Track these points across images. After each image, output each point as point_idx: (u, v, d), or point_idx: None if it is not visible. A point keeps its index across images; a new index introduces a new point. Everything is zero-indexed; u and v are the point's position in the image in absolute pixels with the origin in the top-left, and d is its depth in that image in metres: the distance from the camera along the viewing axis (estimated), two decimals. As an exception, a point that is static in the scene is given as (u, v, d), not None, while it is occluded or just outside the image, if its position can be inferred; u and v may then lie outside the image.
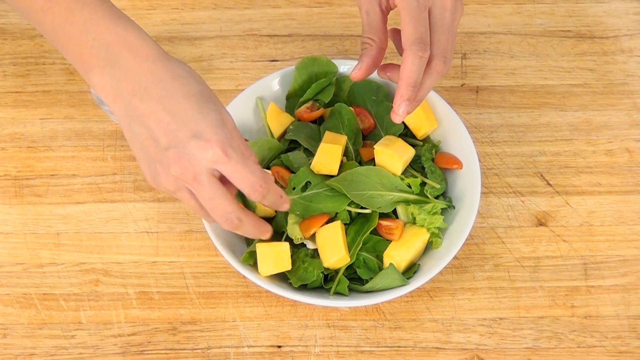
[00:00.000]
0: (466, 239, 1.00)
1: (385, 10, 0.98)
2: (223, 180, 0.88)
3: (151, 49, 0.88)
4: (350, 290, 1.01)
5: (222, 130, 0.87)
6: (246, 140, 1.06)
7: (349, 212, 1.03)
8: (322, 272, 1.01)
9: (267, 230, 0.95)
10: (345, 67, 1.10)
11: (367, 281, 1.01)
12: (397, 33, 0.97)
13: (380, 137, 1.06)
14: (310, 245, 1.03)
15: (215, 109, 0.88)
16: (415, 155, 1.05)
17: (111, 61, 0.87)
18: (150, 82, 0.87)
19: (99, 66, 0.88)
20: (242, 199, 1.05)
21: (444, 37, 0.95)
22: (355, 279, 1.02)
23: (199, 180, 0.87)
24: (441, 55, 0.95)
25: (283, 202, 0.93)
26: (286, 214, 1.03)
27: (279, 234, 1.03)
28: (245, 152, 0.88)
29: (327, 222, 1.01)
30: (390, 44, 1.01)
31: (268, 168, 1.06)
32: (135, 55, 0.87)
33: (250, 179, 0.88)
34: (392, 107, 1.07)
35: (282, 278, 1.01)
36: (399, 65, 0.95)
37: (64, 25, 0.89)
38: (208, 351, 1.01)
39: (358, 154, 1.06)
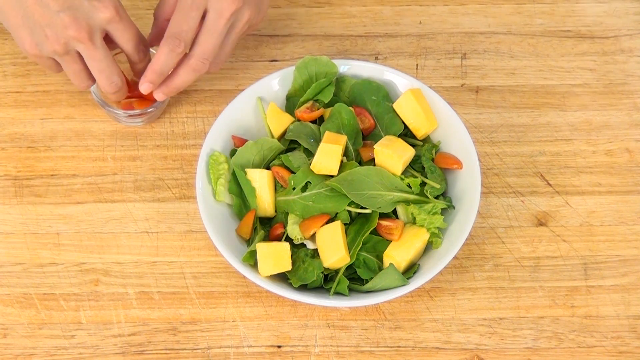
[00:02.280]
0: (466, 239, 1.00)
1: None
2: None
3: None
4: (350, 290, 1.01)
5: None
6: (246, 140, 1.06)
7: (349, 212, 1.03)
8: (322, 272, 1.01)
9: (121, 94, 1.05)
10: (346, 67, 1.11)
11: (367, 281, 1.01)
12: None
13: (380, 137, 1.06)
14: (310, 245, 1.03)
15: None
16: (415, 155, 1.05)
17: None
18: None
19: None
20: (242, 200, 1.05)
21: (210, 41, 1.02)
22: (355, 279, 1.02)
23: (93, 40, 0.95)
24: (200, 57, 1.02)
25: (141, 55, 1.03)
26: (286, 213, 1.04)
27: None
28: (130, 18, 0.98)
29: (327, 222, 1.01)
30: None
31: (268, 168, 1.06)
32: None
33: (134, 39, 1.00)
34: (392, 106, 1.08)
35: (282, 278, 1.01)
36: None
37: None
38: (208, 351, 1.01)
39: (358, 154, 1.06)
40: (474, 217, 1.01)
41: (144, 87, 1.04)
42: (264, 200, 1.04)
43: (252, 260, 1.01)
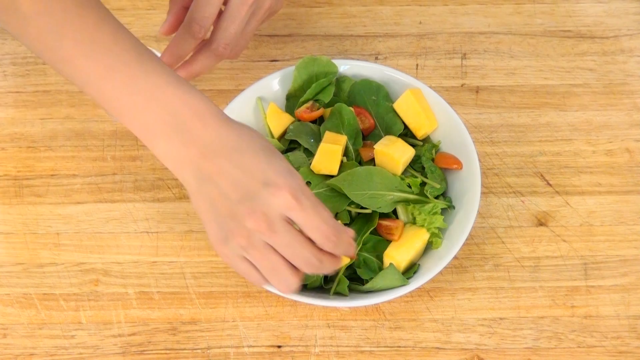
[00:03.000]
0: (466, 239, 1.00)
1: None
2: None
3: (216, 112, 0.88)
4: (350, 290, 1.01)
5: (291, 177, 0.86)
6: None
7: (349, 212, 1.03)
8: (322, 272, 1.01)
9: (339, 262, 0.92)
10: (346, 67, 1.10)
11: (367, 281, 1.01)
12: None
13: (380, 137, 1.06)
14: (310, 245, 1.03)
15: (282, 160, 0.88)
16: (415, 155, 1.05)
17: (178, 127, 0.86)
18: (217, 143, 0.86)
19: (165, 132, 0.87)
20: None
21: (232, 27, 1.00)
22: (355, 279, 1.02)
23: (273, 228, 0.85)
24: (222, 42, 1.01)
25: (351, 249, 0.90)
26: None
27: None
28: (316, 200, 0.87)
29: (327, 222, 1.01)
30: None
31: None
32: (201, 119, 0.86)
33: (322, 227, 0.86)
34: (392, 106, 1.08)
35: (282, 278, 1.01)
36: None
37: (127, 93, 0.87)
38: (208, 351, 1.01)
39: (358, 154, 1.06)
40: (474, 217, 1.01)
41: (164, 60, 1.01)
42: (264, 200, 1.04)
43: (252, 260, 1.01)
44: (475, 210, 1.01)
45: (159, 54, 1.11)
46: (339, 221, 0.99)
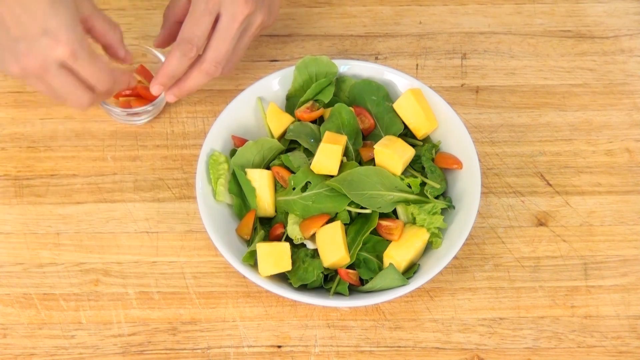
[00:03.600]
0: (466, 239, 1.00)
1: None
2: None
3: None
4: (350, 290, 1.01)
5: (72, 31, 0.93)
6: (246, 140, 1.06)
7: (349, 212, 1.03)
8: (322, 272, 1.01)
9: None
10: (346, 67, 1.10)
11: (367, 281, 1.01)
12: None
13: (380, 137, 1.06)
14: (310, 245, 1.03)
15: (68, 8, 0.93)
16: (415, 155, 1.05)
17: None
18: None
19: None
20: (242, 200, 1.05)
21: (223, 45, 1.02)
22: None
23: (47, 71, 0.94)
24: (213, 61, 1.02)
25: (124, 82, 1.01)
26: (286, 213, 1.04)
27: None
28: (92, 52, 0.95)
29: (327, 222, 1.01)
30: None
31: (268, 168, 1.06)
32: None
33: (96, 75, 0.96)
34: (392, 106, 1.08)
35: (282, 278, 1.01)
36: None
37: None
38: (208, 351, 1.01)
39: (358, 154, 1.06)
40: (474, 217, 1.01)
41: (155, 89, 1.04)
42: (264, 200, 1.04)
43: (252, 260, 1.01)
44: (475, 210, 1.02)
45: (162, 58, 1.11)
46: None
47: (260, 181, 1.04)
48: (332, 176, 1.03)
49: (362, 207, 1.02)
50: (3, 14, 0.92)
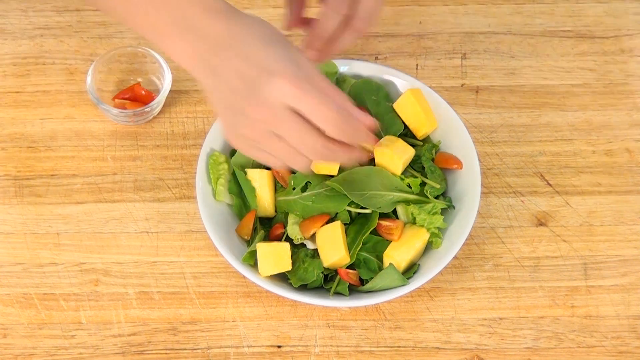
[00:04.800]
0: (466, 239, 1.00)
1: None
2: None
3: (226, 7, 0.88)
4: (350, 290, 1.01)
5: (294, 66, 0.85)
6: None
7: (349, 212, 1.03)
8: (322, 272, 1.01)
9: (358, 155, 0.91)
10: (346, 67, 1.10)
11: (367, 281, 1.01)
12: None
13: (380, 137, 1.05)
14: (310, 245, 1.03)
15: (286, 48, 0.87)
16: (415, 155, 1.05)
17: (188, 24, 0.87)
18: (225, 36, 0.86)
19: (175, 31, 0.87)
20: (242, 200, 1.05)
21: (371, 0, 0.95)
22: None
23: (279, 117, 0.84)
24: (366, 16, 0.96)
25: (367, 136, 0.89)
26: (286, 213, 1.04)
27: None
28: (326, 87, 0.86)
29: (327, 222, 1.01)
30: None
31: (268, 168, 1.06)
32: (210, 14, 0.87)
33: (330, 116, 0.85)
34: (392, 106, 1.08)
35: (282, 278, 1.01)
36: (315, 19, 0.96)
37: None
38: (208, 351, 1.01)
39: (358, 154, 1.06)
40: (474, 217, 1.01)
41: (312, 55, 0.97)
42: (264, 200, 1.04)
43: (252, 260, 1.01)
44: (475, 210, 1.01)
45: (161, 59, 1.11)
46: (363, 112, 0.91)
47: (260, 181, 1.04)
48: (332, 176, 1.03)
49: (362, 207, 1.02)
50: (228, 75, 0.86)
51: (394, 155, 1.02)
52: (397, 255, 1.00)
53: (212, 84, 0.87)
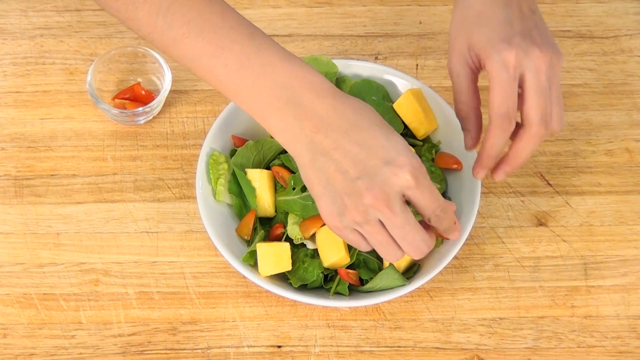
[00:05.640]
0: (466, 239, 1.00)
1: (476, 71, 0.96)
2: None
3: (329, 86, 0.88)
4: (350, 290, 1.01)
5: (413, 156, 0.87)
6: (246, 140, 1.06)
7: (349, 212, 1.03)
8: (322, 272, 1.01)
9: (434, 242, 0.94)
10: (346, 67, 1.10)
11: (367, 281, 1.01)
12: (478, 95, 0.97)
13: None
14: (310, 245, 1.03)
15: (400, 137, 0.88)
16: (415, 155, 1.05)
17: (292, 101, 0.87)
18: (333, 117, 0.87)
19: (278, 108, 0.88)
20: (242, 200, 1.05)
21: (542, 101, 0.92)
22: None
23: (391, 207, 0.87)
24: (542, 120, 0.92)
25: (455, 231, 0.94)
26: (286, 213, 1.04)
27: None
28: (429, 179, 0.89)
29: (327, 222, 1.01)
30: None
31: (268, 168, 1.06)
32: (316, 93, 0.87)
33: (432, 205, 0.89)
34: (392, 106, 1.08)
35: (282, 278, 1.01)
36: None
37: (239, 69, 0.88)
38: (208, 351, 1.01)
39: (358, 154, 1.06)
40: (474, 217, 1.01)
41: (480, 174, 0.97)
42: (264, 200, 1.04)
43: (252, 260, 1.01)
44: (475, 210, 1.01)
45: (161, 59, 1.11)
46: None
47: (260, 181, 1.04)
48: (332, 176, 1.03)
49: (362, 207, 1.02)
50: (338, 157, 0.86)
51: (394, 155, 1.02)
52: (397, 255, 1.00)
53: (316, 164, 0.87)
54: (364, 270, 1.01)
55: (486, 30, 0.93)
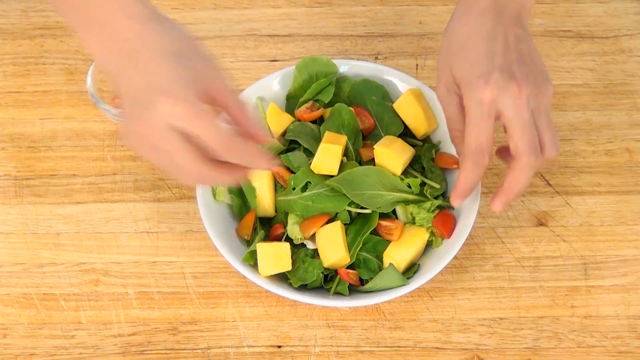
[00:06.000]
0: (466, 239, 1.00)
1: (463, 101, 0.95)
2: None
3: (144, 11, 0.88)
4: (350, 290, 1.01)
5: (189, 88, 0.85)
6: None
7: (349, 212, 1.03)
8: (322, 272, 1.01)
9: (246, 174, 0.91)
10: (346, 67, 1.10)
11: (367, 281, 1.01)
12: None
13: (380, 137, 1.06)
14: (310, 245, 1.03)
15: (190, 67, 0.87)
16: (415, 155, 1.05)
17: (102, 21, 0.88)
18: (134, 41, 0.87)
19: (92, 26, 0.89)
20: (242, 200, 1.05)
21: (527, 133, 0.92)
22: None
23: (160, 137, 0.85)
24: (530, 150, 0.92)
25: (259, 159, 0.88)
26: (286, 213, 1.04)
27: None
28: (229, 103, 0.87)
29: (327, 222, 1.01)
30: None
31: (268, 168, 1.06)
32: (126, 16, 0.88)
33: (210, 135, 0.85)
34: (392, 106, 1.08)
35: (282, 278, 1.01)
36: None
37: None
38: (208, 351, 1.01)
39: (358, 154, 1.06)
40: (474, 217, 1.01)
41: (455, 203, 0.97)
42: (264, 200, 1.04)
43: (252, 260, 1.01)
44: (475, 210, 1.01)
45: None
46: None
47: (260, 181, 1.04)
48: (332, 176, 1.03)
49: (362, 207, 1.02)
50: (125, 81, 0.87)
51: (394, 155, 1.02)
52: (397, 255, 1.00)
53: (118, 83, 0.88)
54: (364, 270, 1.01)
55: (466, 65, 0.93)
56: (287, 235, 1.03)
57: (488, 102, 0.91)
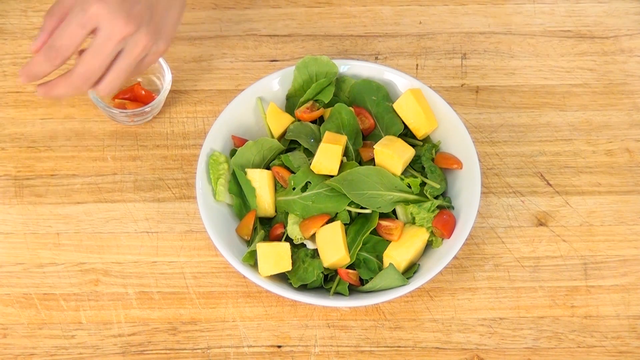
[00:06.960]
0: (466, 239, 1.00)
1: None
2: None
3: None
4: (350, 290, 1.01)
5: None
6: (246, 140, 1.06)
7: (349, 212, 1.03)
8: (322, 272, 1.01)
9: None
10: (346, 67, 1.10)
11: (367, 281, 1.01)
12: None
13: (380, 137, 1.06)
14: (310, 245, 1.03)
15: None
16: (415, 155, 1.05)
17: None
18: None
19: None
20: (242, 200, 1.05)
21: (94, 62, 0.99)
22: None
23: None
24: (82, 75, 0.99)
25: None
26: (286, 213, 1.04)
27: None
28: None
29: (327, 222, 1.01)
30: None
31: (268, 168, 1.06)
32: None
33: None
34: (392, 106, 1.08)
35: (282, 278, 1.01)
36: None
37: None
38: (208, 351, 1.01)
39: (358, 154, 1.06)
40: (474, 217, 1.01)
41: (21, 79, 1.00)
42: (264, 200, 1.04)
43: (252, 260, 1.01)
44: (475, 210, 1.02)
45: (162, 61, 1.11)
46: None
47: (260, 181, 1.04)
48: (332, 176, 1.03)
49: (362, 207, 1.02)
50: None
51: (394, 155, 1.02)
52: (397, 255, 1.00)
53: None
54: (364, 270, 1.01)
55: None
56: (287, 235, 1.03)
57: (90, 15, 0.97)
